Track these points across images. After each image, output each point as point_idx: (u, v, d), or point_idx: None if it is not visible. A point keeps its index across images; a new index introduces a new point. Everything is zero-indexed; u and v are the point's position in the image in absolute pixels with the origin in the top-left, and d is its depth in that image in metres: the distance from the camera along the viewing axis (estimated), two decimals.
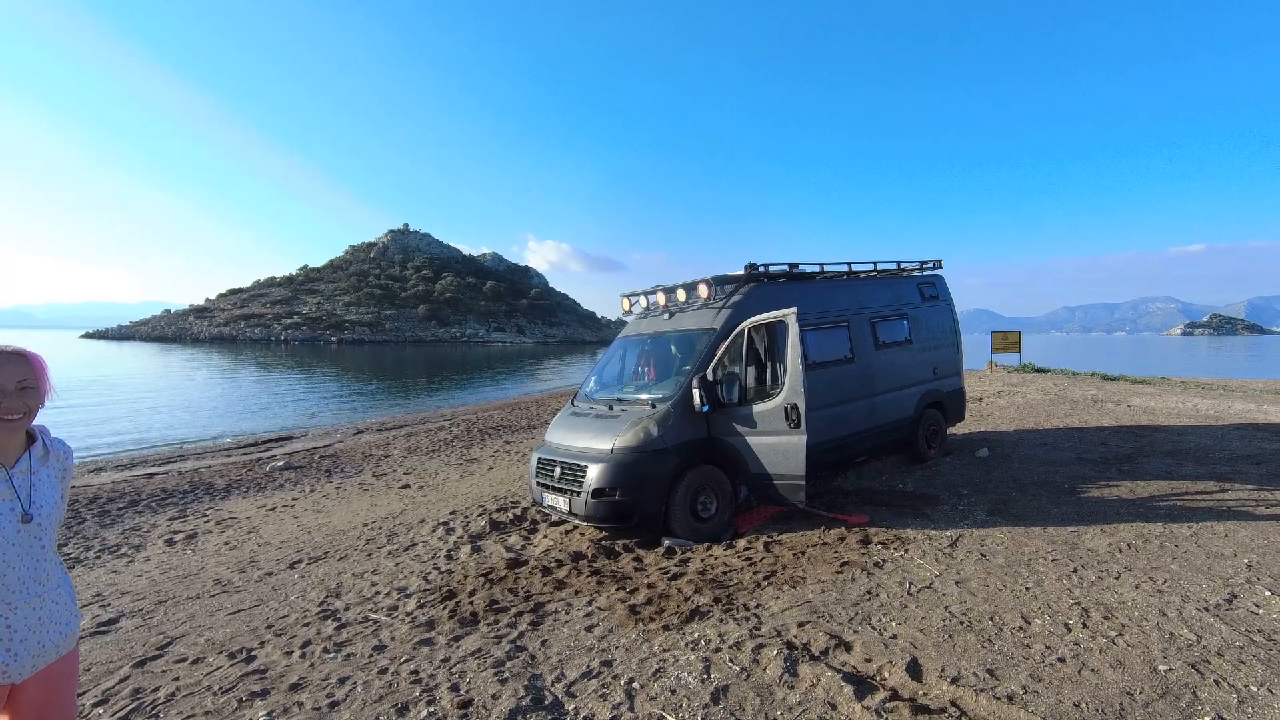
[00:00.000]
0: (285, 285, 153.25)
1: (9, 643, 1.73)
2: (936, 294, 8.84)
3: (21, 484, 1.82)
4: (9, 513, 1.77)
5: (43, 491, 1.86)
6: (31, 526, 1.81)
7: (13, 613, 1.75)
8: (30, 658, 1.77)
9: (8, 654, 1.72)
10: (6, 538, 1.75)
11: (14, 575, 1.76)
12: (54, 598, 1.86)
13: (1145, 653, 3.24)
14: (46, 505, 1.86)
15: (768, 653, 3.41)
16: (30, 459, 1.86)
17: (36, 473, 1.87)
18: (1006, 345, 23.65)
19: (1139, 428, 9.88)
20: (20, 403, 1.79)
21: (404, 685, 3.34)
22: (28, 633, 1.77)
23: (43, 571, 1.83)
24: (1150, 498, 6.04)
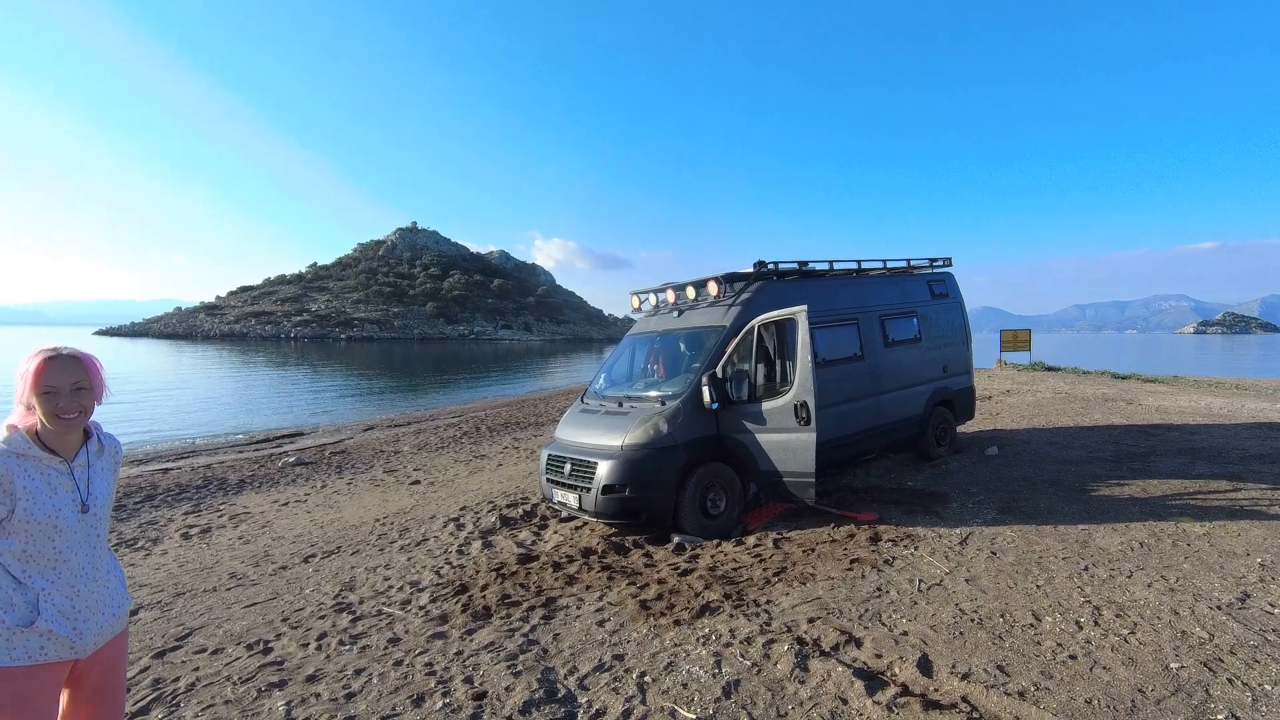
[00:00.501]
0: (295, 283, 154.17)
1: (75, 622, 1.86)
2: (946, 291, 8.82)
3: (80, 477, 1.93)
4: (71, 504, 1.89)
5: (98, 484, 1.99)
6: (89, 516, 1.93)
7: (77, 595, 1.88)
8: (93, 636, 1.91)
9: (74, 632, 1.85)
10: (70, 526, 1.87)
11: (76, 561, 1.89)
12: (107, 581, 1.99)
13: (1157, 650, 3.24)
14: (101, 496, 1.99)
15: (778, 648, 3.44)
16: (87, 453, 1.98)
17: (93, 466, 1.98)
18: (1016, 343, 23.53)
19: (1151, 426, 9.82)
20: (75, 403, 1.88)
21: (419, 677, 3.38)
22: (90, 613, 1.90)
23: (98, 557, 1.97)
24: (1163, 497, 6.01)
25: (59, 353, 1.88)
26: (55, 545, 1.85)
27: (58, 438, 1.91)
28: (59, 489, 1.88)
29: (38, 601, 1.81)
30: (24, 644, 1.78)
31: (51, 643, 1.82)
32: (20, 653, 1.77)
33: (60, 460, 1.90)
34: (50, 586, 1.84)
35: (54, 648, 1.82)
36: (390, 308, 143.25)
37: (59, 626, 1.83)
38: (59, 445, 1.91)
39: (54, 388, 1.84)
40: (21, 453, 1.83)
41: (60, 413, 1.85)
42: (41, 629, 1.80)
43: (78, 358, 1.90)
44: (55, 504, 1.86)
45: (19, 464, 1.82)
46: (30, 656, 1.78)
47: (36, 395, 1.83)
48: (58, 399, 1.85)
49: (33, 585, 1.81)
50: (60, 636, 1.83)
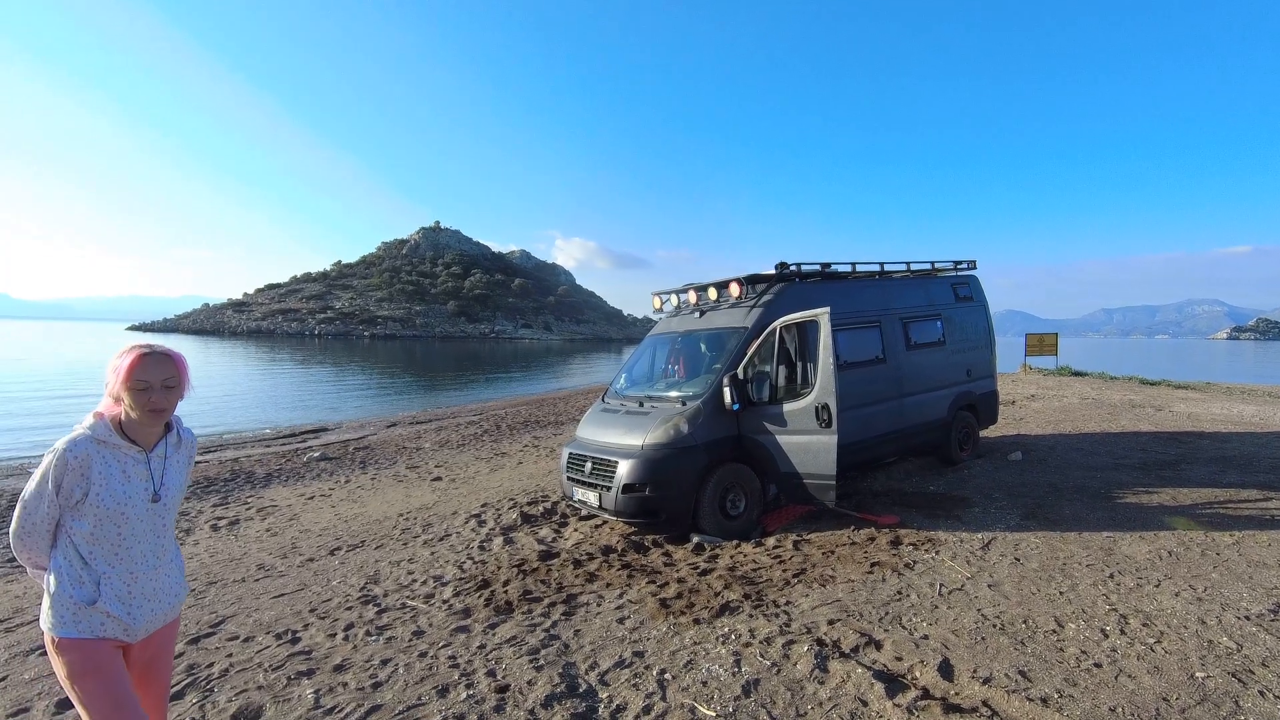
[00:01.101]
0: (320, 280, 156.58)
1: (129, 607, 1.94)
2: (970, 294, 8.73)
3: (156, 467, 2.01)
4: (142, 492, 1.97)
5: (172, 475, 2.06)
6: (158, 506, 2.01)
7: (134, 581, 1.96)
8: (145, 622, 1.99)
9: (128, 616, 1.93)
10: (138, 514, 1.95)
11: (139, 548, 1.97)
12: (168, 571, 2.07)
13: (1183, 660, 3.20)
14: (173, 487, 2.06)
15: (798, 649, 3.45)
16: (166, 445, 2.05)
17: (169, 458, 2.06)
18: (1042, 347, 23.14)
19: (1181, 434, 9.63)
20: (165, 399, 1.95)
21: (443, 669, 3.45)
22: (144, 600, 1.98)
23: (162, 547, 2.04)
24: (1192, 505, 5.90)
25: (152, 350, 1.94)
26: (120, 531, 1.92)
27: (141, 430, 1.98)
28: (133, 477, 1.96)
29: (99, 582, 1.90)
30: (87, 619, 1.88)
31: (109, 623, 1.91)
32: (86, 626, 1.87)
33: (139, 450, 1.98)
34: (111, 570, 1.92)
35: (111, 627, 1.92)
36: (413, 306, 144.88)
37: (115, 609, 1.91)
38: (140, 436, 1.99)
39: (146, 383, 1.91)
40: (104, 439, 1.91)
41: (151, 407, 1.92)
42: (101, 608, 1.89)
43: (169, 356, 1.97)
44: (127, 491, 1.93)
45: (99, 450, 1.90)
46: (93, 631, 1.88)
47: (128, 389, 1.90)
48: (150, 394, 1.91)
49: (96, 566, 1.90)
50: (116, 618, 1.91)
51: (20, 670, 3.69)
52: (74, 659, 1.86)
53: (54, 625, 1.87)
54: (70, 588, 1.88)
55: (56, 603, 1.88)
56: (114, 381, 1.91)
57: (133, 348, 1.93)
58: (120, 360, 1.91)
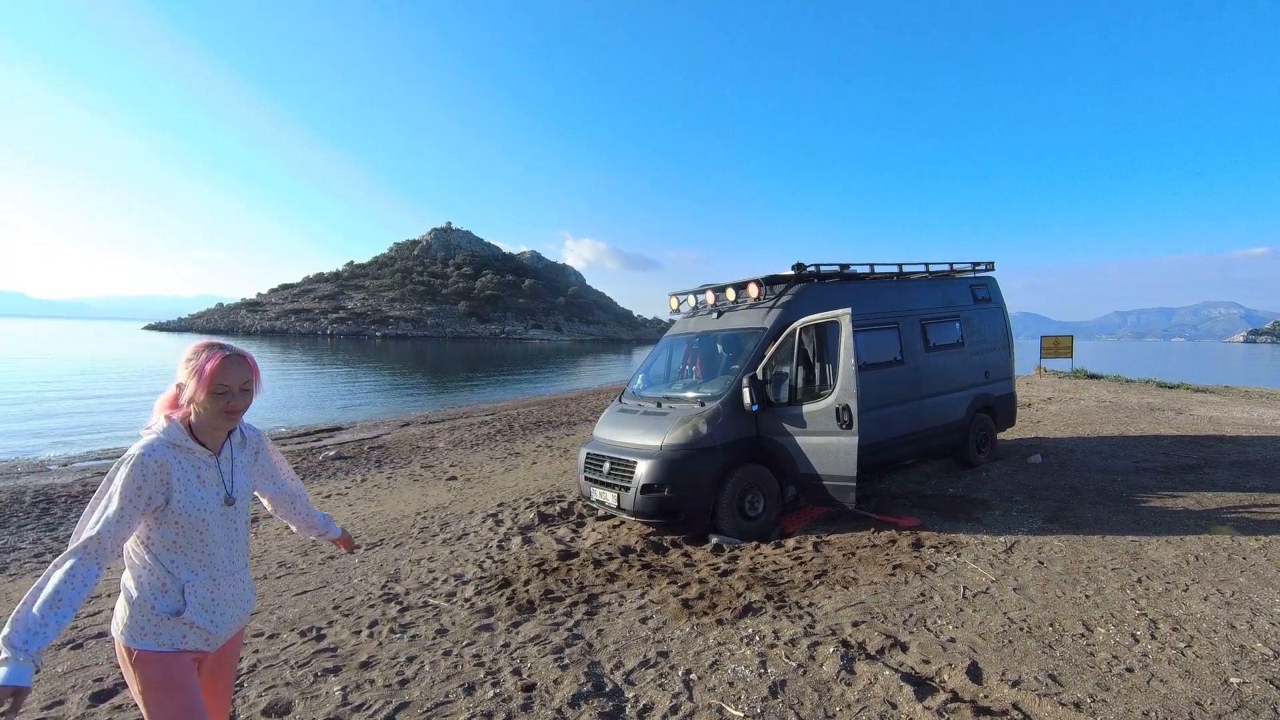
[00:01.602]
0: (332, 281, 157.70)
1: (213, 615, 1.89)
2: (989, 296, 8.68)
3: (226, 470, 1.96)
4: (216, 496, 1.91)
5: (240, 477, 2.00)
6: (232, 510, 1.95)
7: (217, 588, 1.90)
8: (227, 629, 1.94)
9: (212, 624, 1.88)
10: (215, 520, 1.89)
11: (219, 555, 1.91)
12: (242, 576, 2.01)
13: (1215, 664, 3.16)
14: (243, 489, 2.00)
15: (824, 650, 3.44)
16: (231, 446, 2.00)
17: (235, 459, 2.00)
18: (1057, 350, 22.90)
19: (1202, 438, 9.52)
20: (241, 402, 1.91)
21: (468, 667, 3.46)
22: (226, 607, 1.93)
23: (237, 551, 1.98)
24: (1217, 509, 5.83)
25: (231, 352, 1.89)
26: (202, 537, 1.87)
27: (212, 432, 1.93)
28: (207, 481, 1.90)
29: (184, 592, 1.83)
30: (170, 631, 1.82)
31: (192, 633, 1.85)
32: (166, 639, 1.81)
33: (209, 453, 1.92)
34: (194, 578, 1.86)
35: (193, 638, 1.85)
36: (424, 306, 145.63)
37: (200, 618, 1.85)
38: (209, 438, 1.93)
39: (227, 387, 1.87)
40: (177, 443, 1.85)
41: (229, 410, 1.88)
42: (186, 619, 1.83)
43: (245, 358, 1.93)
44: (204, 496, 1.87)
45: (174, 454, 1.83)
46: (174, 644, 1.82)
47: (208, 393, 1.85)
48: (230, 398, 1.88)
49: (180, 575, 1.84)
50: (200, 628, 1.85)
51: (53, 664, 3.74)
52: (149, 672, 1.79)
53: (132, 636, 1.81)
54: (153, 598, 1.82)
55: (137, 612, 1.82)
56: (192, 385, 1.85)
57: (211, 349, 1.88)
58: (199, 362, 1.85)
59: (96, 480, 10.24)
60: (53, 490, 9.47)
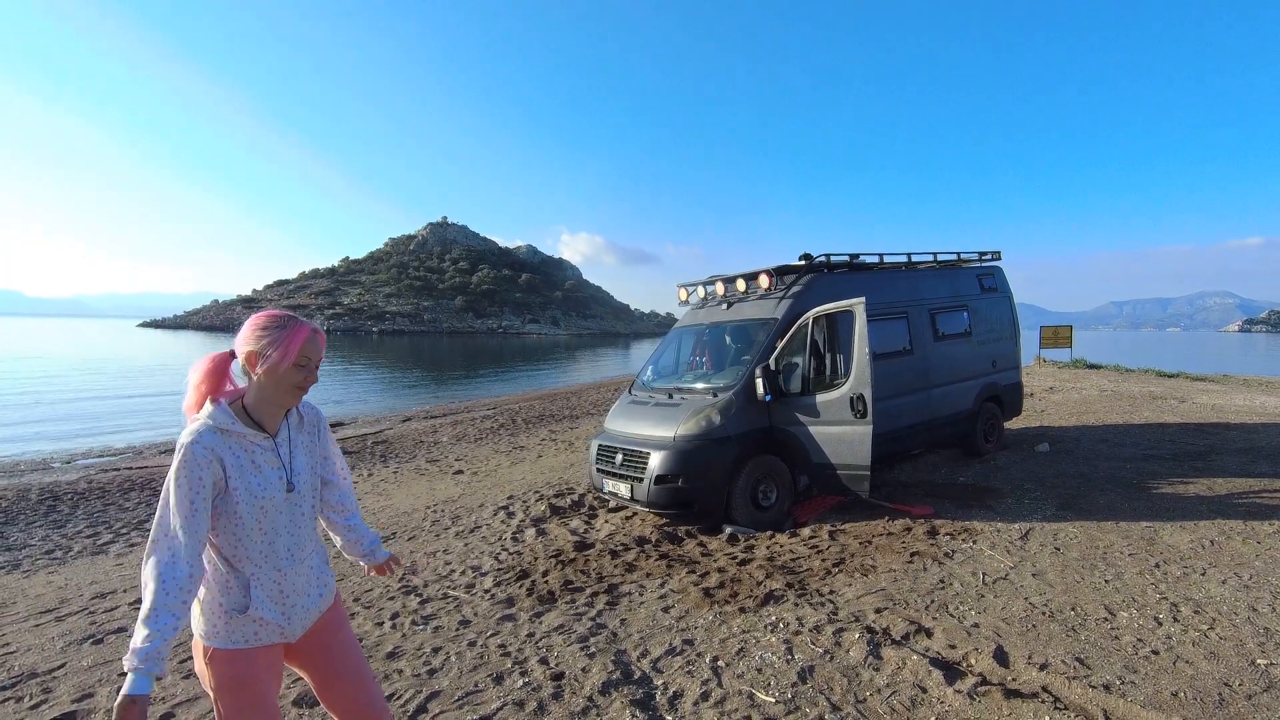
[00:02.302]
0: (328, 276, 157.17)
1: (284, 606, 1.79)
2: (996, 285, 8.69)
3: (284, 454, 1.82)
4: (277, 482, 1.78)
5: (300, 460, 1.87)
6: (294, 496, 1.82)
7: (283, 578, 1.79)
8: (301, 619, 1.83)
9: (284, 617, 1.79)
10: (276, 506, 1.77)
11: (282, 543, 1.79)
12: (311, 563, 1.89)
13: (1240, 646, 3.19)
14: (304, 473, 1.86)
15: (849, 636, 3.45)
16: (288, 427, 1.86)
17: (294, 441, 1.86)
18: (1057, 340, 22.98)
19: (1207, 425, 9.56)
20: (314, 377, 1.81)
21: (494, 657, 3.47)
22: (297, 596, 1.82)
23: (303, 538, 1.85)
24: (1229, 495, 5.87)
25: (315, 328, 1.80)
26: (262, 528, 1.75)
27: (273, 410, 1.79)
28: (264, 466, 1.76)
29: (249, 586, 1.74)
30: (240, 629, 1.73)
31: (264, 628, 1.76)
32: (239, 636, 1.73)
33: (265, 436, 1.78)
34: (259, 570, 1.75)
35: (266, 633, 1.76)
36: (420, 301, 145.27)
37: (268, 612, 1.76)
38: (267, 417, 1.79)
39: (309, 360, 1.77)
40: (226, 428, 1.70)
41: (304, 386, 1.78)
42: (254, 615, 1.74)
43: (321, 337, 1.82)
44: (261, 484, 1.74)
45: (224, 440, 1.69)
46: (246, 641, 1.74)
47: (293, 363, 1.73)
48: (308, 372, 1.77)
49: (243, 569, 1.74)
50: (270, 622, 1.76)
51: (77, 658, 3.74)
52: (222, 671, 1.72)
53: (205, 634, 1.74)
54: (219, 595, 1.73)
55: (207, 610, 1.75)
56: (275, 354, 1.71)
57: (293, 318, 1.77)
58: (287, 330, 1.74)
59: (101, 477, 10.21)
60: (58, 488, 9.43)
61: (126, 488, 9.28)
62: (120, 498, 8.73)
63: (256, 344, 1.72)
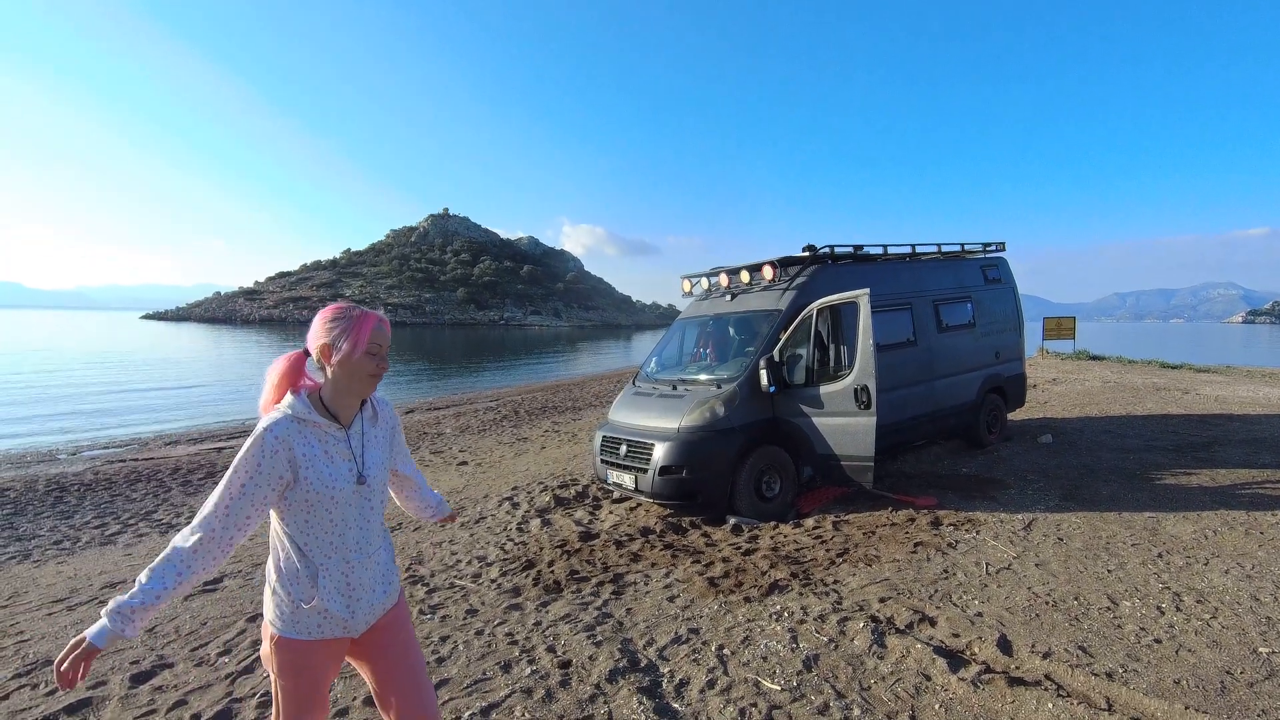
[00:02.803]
0: (330, 269, 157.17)
1: (349, 599, 1.79)
2: (1000, 276, 8.68)
3: (356, 446, 1.83)
4: (347, 473, 1.79)
5: (373, 453, 1.87)
6: (364, 488, 1.82)
7: (351, 571, 1.80)
8: (365, 613, 1.83)
9: (348, 611, 1.79)
10: (346, 498, 1.78)
11: (351, 536, 1.80)
12: (379, 558, 1.89)
13: (1242, 635, 3.21)
14: (375, 467, 1.87)
15: (853, 625, 3.48)
16: (362, 419, 1.87)
17: (367, 434, 1.87)
18: (1060, 331, 22.94)
19: (1210, 416, 9.56)
20: (385, 364, 1.83)
21: (502, 646, 3.51)
22: (363, 591, 1.82)
23: (372, 532, 1.86)
24: (1231, 486, 5.88)
25: (380, 315, 1.82)
26: (333, 517, 1.76)
27: (348, 400, 1.81)
28: (335, 457, 1.78)
29: (317, 576, 1.75)
30: (305, 619, 1.75)
31: (327, 621, 1.77)
32: (303, 626, 1.76)
33: (339, 426, 1.80)
34: (328, 562, 1.76)
35: (329, 625, 1.77)
36: (422, 293, 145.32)
37: (334, 604, 1.76)
38: (342, 408, 1.81)
39: (380, 347, 1.79)
40: (302, 418, 1.73)
41: (378, 373, 1.81)
42: (320, 606, 1.75)
43: (385, 322, 1.84)
44: (333, 474, 1.75)
45: (300, 430, 1.73)
46: (309, 632, 1.76)
47: (364, 351, 1.76)
48: (379, 360, 1.80)
49: (313, 559, 1.75)
50: (334, 615, 1.77)
51: None
52: (283, 658, 1.77)
53: (274, 620, 1.78)
54: (288, 584, 1.76)
55: (277, 598, 1.78)
56: (346, 344, 1.74)
57: (357, 308, 1.80)
58: (354, 319, 1.77)
59: (107, 469, 10.27)
60: (64, 479, 9.49)
61: (133, 479, 9.34)
62: (127, 489, 8.79)
63: (328, 336, 1.76)
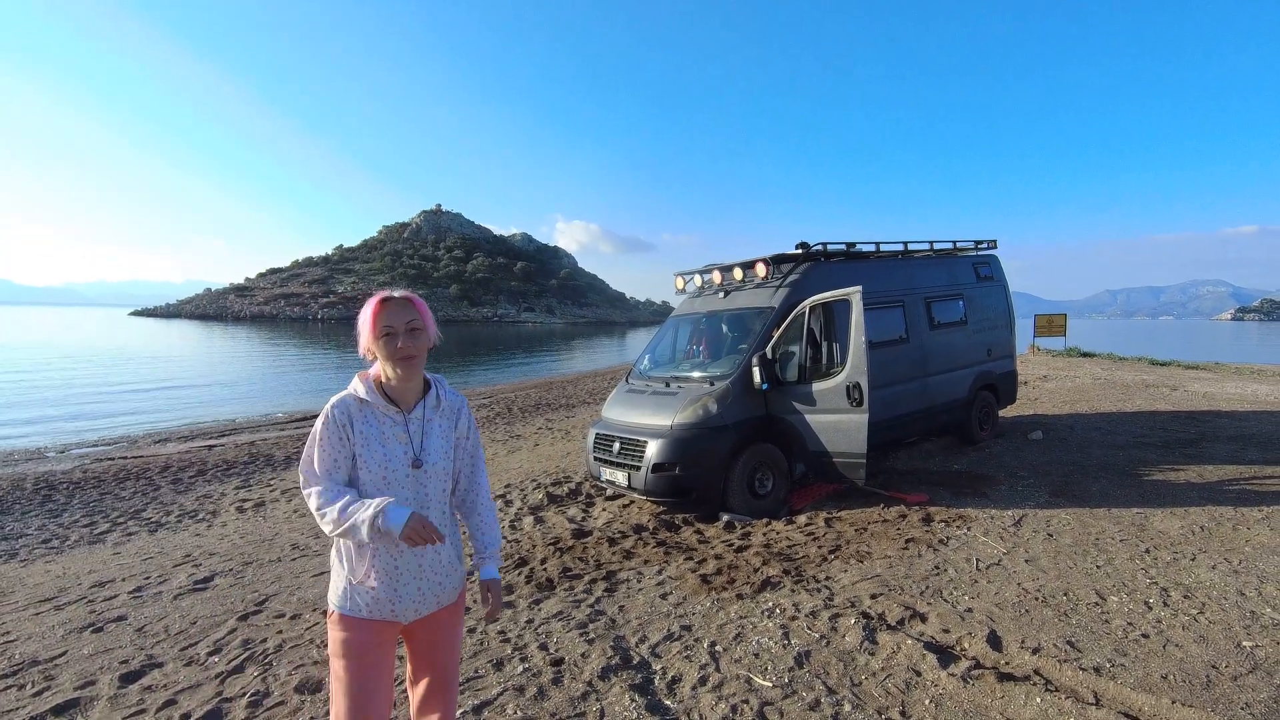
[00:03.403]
0: (322, 265, 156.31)
1: (395, 584, 1.82)
2: (991, 274, 8.71)
3: (415, 430, 1.88)
4: (402, 456, 1.84)
5: (434, 440, 1.90)
6: (420, 473, 1.86)
7: (400, 555, 1.82)
8: (414, 601, 1.85)
9: (394, 594, 1.81)
10: (400, 480, 1.83)
11: None
12: (437, 547, 1.87)
13: (1228, 630, 3.25)
14: (436, 453, 1.90)
15: (845, 621, 3.50)
16: (424, 406, 1.91)
17: (429, 420, 1.91)
18: (1051, 328, 23.09)
19: (1198, 413, 9.64)
20: (412, 343, 1.83)
21: (494, 643, 3.51)
22: (410, 578, 1.83)
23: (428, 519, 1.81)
24: (1219, 482, 5.94)
25: (392, 295, 1.87)
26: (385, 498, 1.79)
27: (400, 386, 1.87)
28: (390, 439, 1.84)
29: (368, 555, 1.80)
30: (354, 596, 1.81)
31: (375, 602, 1.81)
32: (352, 603, 1.81)
33: (397, 410, 1.86)
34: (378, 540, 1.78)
35: (377, 607, 1.81)
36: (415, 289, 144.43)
37: (381, 585, 1.80)
38: (400, 396, 1.88)
39: (392, 328, 1.81)
40: (364, 398, 1.83)
41: (401, 354, 1.82)
42: (368, 584, 1.80)
43: (410, 299, 1.88)
44: (386, 453, 1.82)
45: (361, 409, 1.83)
46: (357, 610, 1.81)
47: (377, 338, 1.81)
48: (396, 339, 1.81)
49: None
50: (380, 595, 1.80)
51: (78, 646, 3.76)
52: (336, 635, 1.80)
53: (331, 597, 1.85)
54: (347, 560, 1.83)
55: (334, 573, 1.86)
56: (365, 335, 1.83)
57: (376, 297, 1.86)
58: (364, 312, 1.84)
59: (96, 467, 10.20)
60: (53, 477, 9.41)
61: (122, 477, 9.27)
62: (116, 487, 8.72)
63: (359, 333, 1.87)
